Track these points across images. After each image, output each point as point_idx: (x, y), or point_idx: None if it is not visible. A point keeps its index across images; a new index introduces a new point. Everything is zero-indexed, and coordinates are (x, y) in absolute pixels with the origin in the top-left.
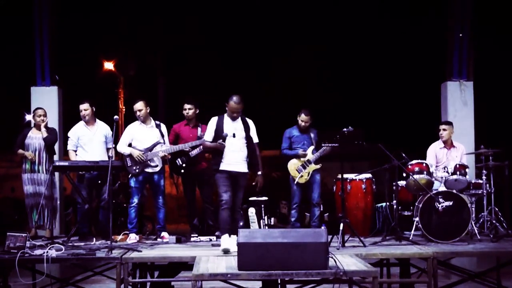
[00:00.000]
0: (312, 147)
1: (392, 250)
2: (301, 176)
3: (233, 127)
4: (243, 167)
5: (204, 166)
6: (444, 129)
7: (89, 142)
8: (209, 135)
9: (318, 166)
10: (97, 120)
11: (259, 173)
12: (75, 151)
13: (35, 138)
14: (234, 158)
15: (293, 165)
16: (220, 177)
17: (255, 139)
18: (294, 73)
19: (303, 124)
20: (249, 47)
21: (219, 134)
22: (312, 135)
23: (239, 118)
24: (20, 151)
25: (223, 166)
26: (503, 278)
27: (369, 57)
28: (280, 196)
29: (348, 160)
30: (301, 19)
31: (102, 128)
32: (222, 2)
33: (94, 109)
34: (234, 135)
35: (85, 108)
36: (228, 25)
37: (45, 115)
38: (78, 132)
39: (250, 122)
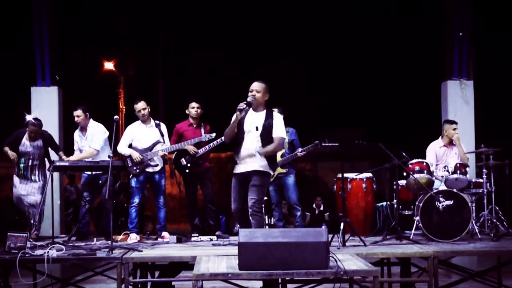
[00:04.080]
0: (282, 151)
1: (393, 249)
2: None
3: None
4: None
5: (207, 166)
6: (455, 128)
7: (81, 147)
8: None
9: (283, 170)
10: (90, 123)
11: None
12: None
13: (30, 146)
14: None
15: None
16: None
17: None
18: (294, 72)
19: None
20: (249, 46)
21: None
22: (289, 138)
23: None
24: (6, 148)
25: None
26: (504, 277)
27: (370, 57)
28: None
29: (348, 159)
30: (300, 16)
31: (91, 132)
32: (222, 2)
33: (88, 114)
34: (257, 128)
35: (77, 115)
36: (228, 24)
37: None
38: (75, 136)
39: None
